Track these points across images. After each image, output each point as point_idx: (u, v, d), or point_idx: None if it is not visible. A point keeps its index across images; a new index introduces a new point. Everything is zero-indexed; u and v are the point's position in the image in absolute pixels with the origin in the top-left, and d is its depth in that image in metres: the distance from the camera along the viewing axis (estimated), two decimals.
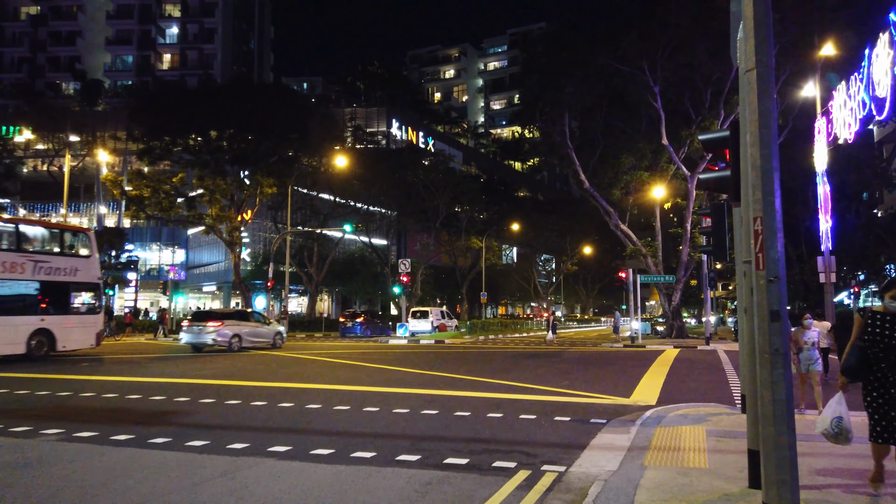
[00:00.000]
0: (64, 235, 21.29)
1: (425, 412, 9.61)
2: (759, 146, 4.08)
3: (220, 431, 8.15)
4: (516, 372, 15.87)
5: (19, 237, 19.46)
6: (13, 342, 18.45)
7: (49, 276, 19.62)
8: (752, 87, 4.14)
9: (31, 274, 19.14)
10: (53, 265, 19.83)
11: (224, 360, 19.00)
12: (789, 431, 3.87)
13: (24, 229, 20.09)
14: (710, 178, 5.97)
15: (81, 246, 21.56)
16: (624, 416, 9.41)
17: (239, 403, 10.41)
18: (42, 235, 20.74)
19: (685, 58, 27.30)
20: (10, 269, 18.56)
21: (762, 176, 4.08)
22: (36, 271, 19.28)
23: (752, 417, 4.97)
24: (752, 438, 4.93)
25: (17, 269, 18.76)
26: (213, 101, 33.34)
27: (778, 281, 3.94)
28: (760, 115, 4.10)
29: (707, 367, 17.39)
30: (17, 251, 19.04)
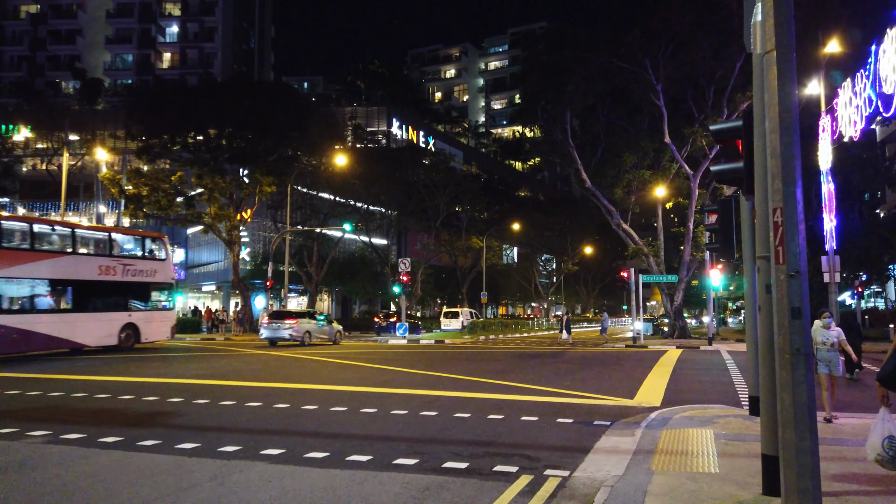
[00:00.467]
0: (145, 241, 24.12)
1: (424, 414, 9.36)
2: (780, 133, 3.82)
3: (213, 433, 7.89)
4: (517, 372, 15.62)
5: (111, 244, 22.12)
6: (108, 335, 21.35)
7: (134, 277, 22.52)
8: (771, 70, 3.88)
9: (120, 275, 21.94)
10: (138, 267, 22.72)
11: (224, 361, 18.76)
12: (811, 437, 3.62)
13: (115, 237, 22.78)
14: (722, 170, 5.70)
15: (159, 250, 24.48)
16: (628, 418, 9.15)
17: (233, 404, 10.15)
18: (128, 241, 23.59)
19: (688, 55, 27.03)
20: (105, 271, 21.36)
21: (783, 164, 3.82)
22: (124, 273, 22.10)
23: (766, 421, 4.71)
24: (768, 443, 4.67)
25: (110, 272, 21.56)
26: (211, 99, 33.05)
27: (799, 275, 3.68)
28: (781, 100, 3.84)
29: (711, 368, 17.14)
30: (110, 256, 21.76)
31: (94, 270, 21.11)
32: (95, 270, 21.13)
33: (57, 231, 20.91)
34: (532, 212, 64.62)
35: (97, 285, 21.19)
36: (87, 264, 20.95)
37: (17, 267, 18.68)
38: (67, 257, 20.38)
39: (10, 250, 18.70)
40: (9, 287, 18.49)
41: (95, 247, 21.79)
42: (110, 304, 21.83)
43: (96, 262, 21.25)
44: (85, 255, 21.09)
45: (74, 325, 20.28)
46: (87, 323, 20.67)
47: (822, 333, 8.93)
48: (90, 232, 22.81)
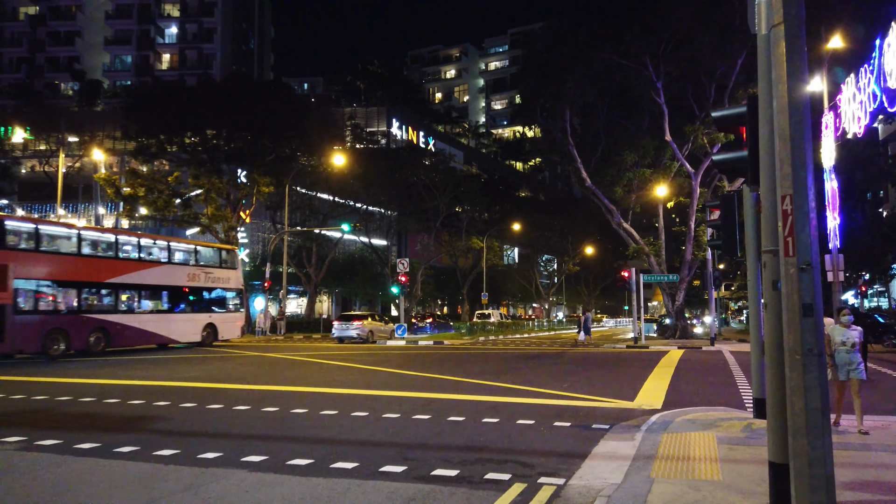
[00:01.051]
0: (221, 253, 27.74)
1: (417, 417, 9.05)
2: (789, 112, 3.50)
3: (194, 439, 7.58)
4: (516, 374, 15.30)
5: (196, 255, 25.80)
6: (194, 333, 24.99)
7: (213, 284, 26.08)
8: (779, 44, 3.57)
9: (203, 282, 25.55)
10: (216, 275, 26.23)
11: (216, 363, 18.45)
12: (825, 445, 3.30)
13: (199, 248, 26.35)
14: (725, 160, 5.39)
15: (232, 260, 27.96)
16: (628, 422, 8.83)
17: (221, 408, 9.84)
18: (209, 252, 26.95)
19: (688, 52, 26.71)
20: (192, 279, 24.96)
21: (792, 147, 3.50)
22: (206, 280, 25.67)
23: (774, 426, 4.39)
24: (775, 450, 4.35)
25: (196, 279, 25.18)
26: (208, 99, 32.77)
27: (811, 269, 3.37)
28: (790, 76, 3.52)
29: (713, 369, 16.80)
30: (196, 265, 25.35)
31: (184, 278, 24.71)
32: (184, 278, 24.73)
33: (157, 244, 24.43)
34: (532, 212, 64.29)
35: (186, 291, 24.85)
36: (178, 272, 24.50)
37: (126, 275, 22.37)
38: (164, 266, 23.89)
39: (122, 261, 22.41)
40: (120, 292, 22.23)
41: (184, 257, 25.33)
42: (195, 306, 25.27)
43: (185, 270, 24.86)
44: (176, 265, 24.60)
45: (169, 323, 23.87)
46: (178, 322, 24.29)
47: (843, 333, 8.00)
48: (180, 244, 26.26)
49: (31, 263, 19.20)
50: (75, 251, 20.86)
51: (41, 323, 19.24)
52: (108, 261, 21.85)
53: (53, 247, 20.42)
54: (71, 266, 20.58)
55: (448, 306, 76.06)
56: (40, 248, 19.73)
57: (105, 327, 21.28)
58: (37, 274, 19.40)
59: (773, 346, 4.52)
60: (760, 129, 4.62)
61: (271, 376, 14.59)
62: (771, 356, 4.54)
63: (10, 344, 18.27)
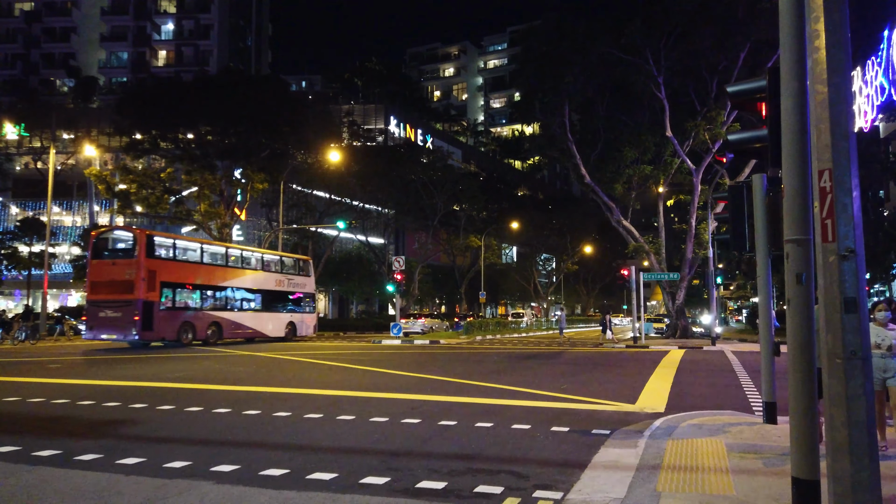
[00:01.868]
0: (299, 262, 32.40)
1: (406, 421, 8.52)
2: (829, 72, 2.97)
3: (164, 445, 7.05)
4: (513, 374, 14.77)
5: (282, 263, 30.65)
6: (279, 329, 29.26)
7: (293, 288, 30.41)
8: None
9: (286, 286, 29.94)
10: (296, 281, 30.68)
11: (207, 363, 17.92)
12: (872, 466, 2.78)
13: (284, 259, 31.35)
14: (741, 139, 4.87)
15: (307, 269, 32.38)
16: (630, 426, 8.31)
17: (200, 411, 9.31)
18: (291, 262, 31.67)
19: (690, 46, 26.20)
20: (278, 284, 29.37)
21: (832, 113, 2.98)
22: (288, 285, 30.05)
23: (799, 438, 3.86)
24: (801, 465, 3.82)
25: (281, 284, 29.59)
26: (201, 94, 32.19)
27: (854, 256, 2.85)
28: (829, 30, 2.99)
29: (716, 370, 16.28)
30: (281, 272, 29.92)
31: (273, 283, 29.09)
32: (273, 283, 29.11)
33: (254, 255, 29.45)
34: (531, 210, 63.83)
35: (275, 294, 29.16)
36: (269, 279, 28.95)
37: (233, 280, 26.95)
38: (259, 273, 28.53)
39: (230, 268, 27.03)
40: (229, 294, 26.79)
41: (273, 266, 29.76)
42: (280, 307, 29.60)
43: (273, 277, 29.24)
44: (267, 272, 29.02)
45: (262, 321, 28.31)
46: (269, 320, 28.72)
47: (877, 333, 6.72)
48: (270, 255, 30.75)
49: (170, 270, 23.64)
50: (199, 260, 25.59)
51: (176, 317, 23.84)
52: (221, 268, 26.60)
53: (184, 257, 24.90)
54: (196, 272, 25.23)
55: (446, 305, 75.51)
56: (176, 258, 24.28)
57: (218, 322, 25.96)
58: (173, 278, 23.86)
59: (798, 347, 3.99)
60: (783, 103, 4.09)
61: (260, 376, 14.07)
62: (796, 359, 4.01)
63: (156, 332, 22.93)
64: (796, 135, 4.05)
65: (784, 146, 4.12)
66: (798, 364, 4.02)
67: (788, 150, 4.07)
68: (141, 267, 22.40)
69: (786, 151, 4.10)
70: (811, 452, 3.85)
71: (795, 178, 4.05)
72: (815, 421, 3.95)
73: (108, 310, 22.50)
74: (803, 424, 3.94)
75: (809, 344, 4.02)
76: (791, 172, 4.06)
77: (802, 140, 4.03)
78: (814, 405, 3.98)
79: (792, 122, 4.03)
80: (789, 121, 4.03)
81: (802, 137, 4.02)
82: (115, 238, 24.51)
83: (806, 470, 3.84)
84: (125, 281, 22.43)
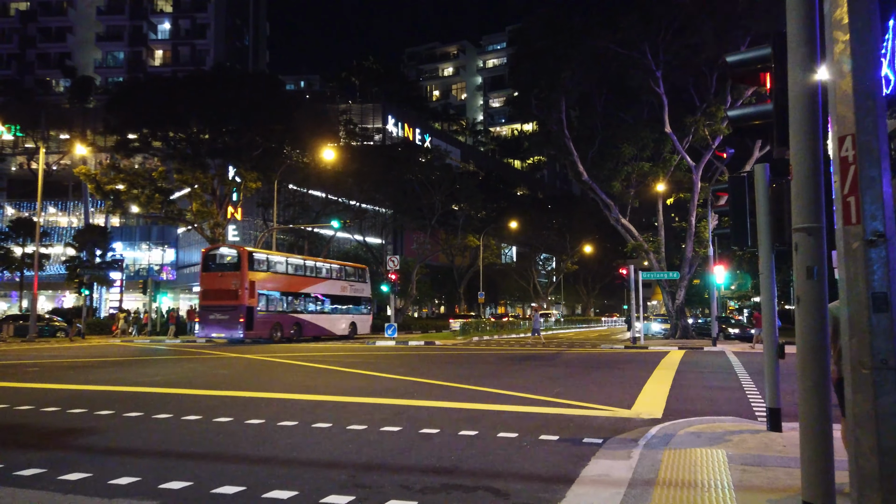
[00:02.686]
0: (358, 270, 36.84)
1: (386, 429, 7.98)
2: (850, 14, 2.42)
3: (117, 458, 6.50)
4: (505, 377, 14.22)
5: (346, 272, 35.10)
6: (344, 329, 33.59)
7: (353, 293, 34.93)
8: None
9: (349, 292, 34.44)
10: (356, 287, 35.23)
11: (191, 365, 17.37)
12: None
13: (346, 268, 35.69)
14: (742, 115, 4.33)
15: (364, 276, 36.85)
16: (624, 434, 7.76)
17: (168, 418, 8.77)
18: (352, 270, 36.03)
19: (689, 40, 25.63)
20: (342, 289, 33.85)
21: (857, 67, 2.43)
22: (350, 290, 34.56)
23: (811, 457, 3.33)
24: (813, 488, 3.28)
25: (345, 290, 34.18)
26: (192, 92, 31.59)
27: (885, 242, 2.31)
28: None
29: (717, 372, 15.72)
30: (345, 280, 34.50)
31: (338, 289, 33.58)
32: (339, 289, 33.64)
33: (324, 265, 33.70)
34: (530, 210, 63.30)
35: (341, 298, 33.72)
36: (336, 285, 33.50)
37: (310, 287, 31.33)
38: (328, 281, 32.92)
39: (308, 277, 31.50)
40: (307, 299, 31.05)
41: (338, 274, 34.28)
42: (345, 309, 33.96)
43: (339, 283, 33.83)
44: (334, 280, 33.48)
45: (332, 321, 32.90)
46: (337, 320, 33.25)
47: None
48: (337, 265, 35.15)
49: (264, 280, 28.03)
50: (285, 272, 30.36)
51: (269, 318, 27.98)
52: (302, 278, 31.13)
53: (274, 269, 29.30)
54: (283, 282, 29.76)
55: (445, 305, 74.93)
56: (269, 270, 28.69)
57: (299, 322, 30.11)
58: (267, 287, 28.14)
59: (809, 352, 3.46)
60: (791, 73, 3.55)
61: (243, 380, 13.53)
62: (806, 366, 3.48)
63: (255, 331, 27.02)
64: (806, 106, 3.52)
65: (792, 120, 3.59)
66: (809, 372, 3.48)
67: (797, 123, 3.53)
68: (244, 278, 26.81)
69: (794, 126, 3.57)
70: (825, 474, 3.31)
71: (806, 155, 3.52)
72: (828, 438, 3.42)
73: (217, 313, 26.92)
74: (815, 442, 3.40)
75: (822, 349, 3.49)
76: (800, 150, 3.53)
77: (813, 111, 3.49)
78: (827, 420, 3.44)
79: (801, 92, 3.50)
80: (798, 90, 3.49)
81: (813, 108, 3.48)
82: (221, 254, 28.78)
83: (819, 495, 3.29)
84: (231, 290, 26.81)
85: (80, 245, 43.54)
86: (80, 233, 44.49)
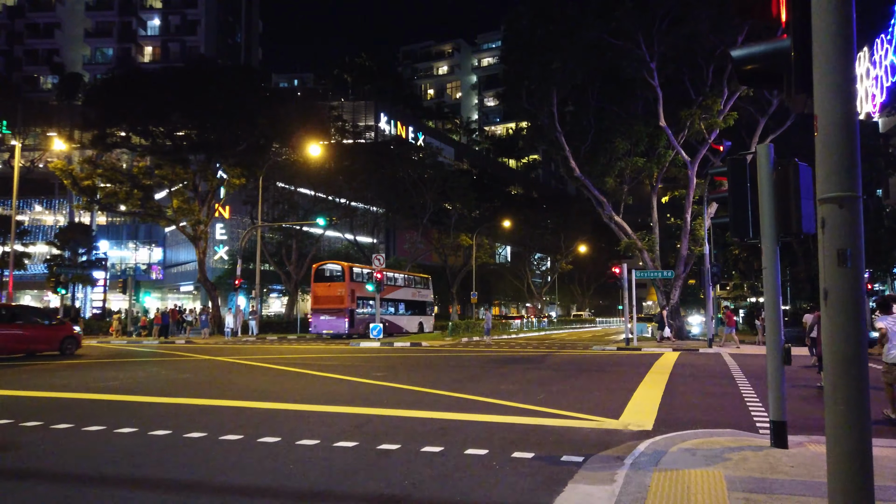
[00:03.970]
0: (423, 279, 42.54)
1: (340, 445, 7.05)
2: None
3: (16, 484, 5.56)
4: (487, 381, 13.29)
5: (414, 281, 40.90)
6: (414, 327, 39.08)
7: (421, 298, 41.00)
8: None
9: (417, 297, 40.49)
10: (422, 293, 41.36)
11: (156, 368, 16.39)
12: None
13: (415, 277, 41.71)
14: (749, 55, 3.40)
15: (427, 284, 42.77)
16: (609, 451, 6.83)
17: (99, 431, 7.82)
18: (418, 279, 41.76)
19: (685, 29, 24.72)
20: (413, 295, 39.76)
21: None
22: (418, 296, 40.61)
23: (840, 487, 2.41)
24: None
25: (415, 295, 40.08)
26: (171, 84, 30.54)
27: None
28: None
29: (714, 376, 14.81)
30: (414, 287, 40.31)
31: (410, 294, 39.60)
32: (410, 294, 39.60)
33: (401, 276, 39.91)
34: (525, 209, 62.49)
35: (412, 302, 39.69)
36: (408, 291, 39.44)
37: (391, 294, 36.56)
38: (404, 289, 38.95)
39: (389, 286, 35.72)
40: (389, 303, 36.14)
41: (410, 283, 40.23)
42: (414, 311, 39.97)
43: (411, 290, 39.81)
44: (406, 287, 39.35)
45: (406, 321, 38.54)
46: (409, 320, 38.94)
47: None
48: (409, 276, 41.12)
49: (360, 289, 33.39)
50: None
51: (363, 319, 33.38)
52: (386, 286, 34.71)
53: (360, 279, 33.87)
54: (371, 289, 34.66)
55: (438, 306, 73.96)
56: (361, 281, 33.63)
57: (384, 321, 33.78)
58: (360, 294, 33.62)
59: (841, 363, 2.54)
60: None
61: (204, 385, 12.57)
62: (838, 380, 2.57)
63: (355, 329, 32.61)
64: (836, 36, 2.60)
65: (817, 55, 2.67)
66: (842, 387, 2.57)
67: (824, 59, 2.62)
68: (347, 287, 32.88)
69: (820, 65, 2.66)
70: None
71: (836, 101, 2.63)
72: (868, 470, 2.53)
73: (326, 315, 32.87)
74: (847, 474, 2.48)
75: (858, 357, 2.59)
76: (829, 94, 2.63)
77: (845, 43, 2.58)
78: (867, 450, 2.55)
79: (828, 19, 2.59)
80: (825, 20, 2.58)
81: (846, 36, 2.56)
82: (329, 269, 34.61)
83: None
84: (338, 296, 32.90)
85: (62, 243, 42.47)
86: (62, 231, 43.46)
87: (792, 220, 6.65)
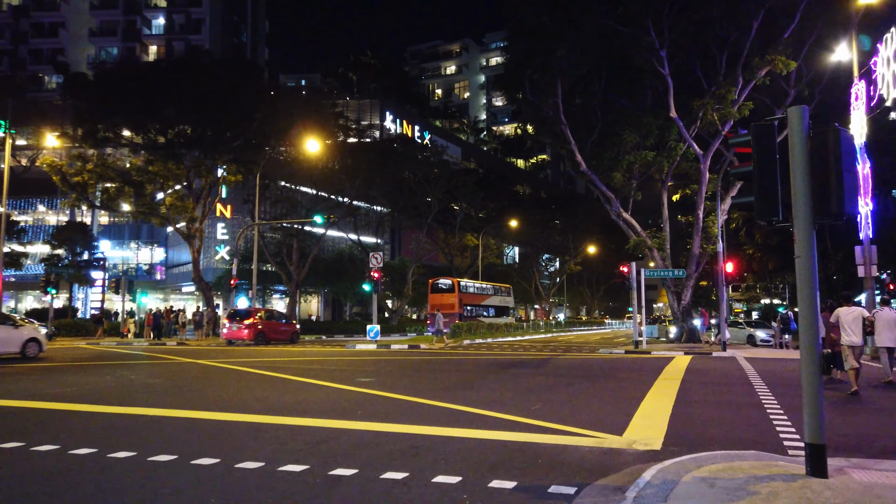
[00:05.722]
0: (506, 288, 52.27)
1: (286, 469, 5.89)
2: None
3: None
4: (480, 388, 12.09)
5: (500, 289, 50.63)
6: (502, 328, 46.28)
7: (504, 304, 50.71)
8: None
9: (501, 303, 49.88)
10: (505, 299, 51.34)
11: (127, 372, 15.31)
12: None
13: (500, 286, 51.34)
14: None
15: (509, 292, 52.71)
16: (608, 479, 5.63)
17: (16, 448, 6.70)
18: (502, 289, 50.77)
19: (696, 15, 23.40)
20: (499, 301, 49.62)
21: None
22: (501, 301, 50.13)
23: None
24: None
25: (501, 301, 49.96)
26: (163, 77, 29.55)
27: None
28: None
29: (730, 383, 13.51)
30: (498, 295, 49.84)
31: (497, 301, 48.82)
32: (498, 301, 48.85)
33: (490, 286, 49.12)
34: (533, 209, 61.21)
35: (498, 307, 48.67)
36: (496, 298, 48.72)
37: (484, 301, 46.99)
38: (493, 296, 48.57)
39: (481, 294, 47.04)
40: (482, 308, 46.16)
41: (496, 291, 49.69)
42: (500, 315, 48.20)
43: (497, 297, 49.06)
44: (494, 294, 48.48)
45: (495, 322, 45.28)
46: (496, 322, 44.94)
47: None
48: (495, 286, 50.07)
49: (465, 297, 42.46)
50: (474, 292, 46.17)
51: (467, 321, 39.38)
52: (481, 295, 46.93)
53: (468, 290, 43.39)
54: (473, 298, 45.24)
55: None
56: (466, 291, 42.56)
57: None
58: (467, 302, 42.81)
59: None
60: None
61: (165, 391, 11.46)
62: None
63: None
64: None
65: None
66: None
67: None
68: (456, 297, 41.99)
69: None
70: None
71: None
72: None
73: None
74: None
75: None
76: None
77: None
78: None
79: None
80: None
81: None
82: (442, 282, 43.91)
83: None
84: (450, 304, 41.10)
85: (60, 243, 41.67)
86: (59, 230, 42.67)
87: (832, 197, 5.43)
